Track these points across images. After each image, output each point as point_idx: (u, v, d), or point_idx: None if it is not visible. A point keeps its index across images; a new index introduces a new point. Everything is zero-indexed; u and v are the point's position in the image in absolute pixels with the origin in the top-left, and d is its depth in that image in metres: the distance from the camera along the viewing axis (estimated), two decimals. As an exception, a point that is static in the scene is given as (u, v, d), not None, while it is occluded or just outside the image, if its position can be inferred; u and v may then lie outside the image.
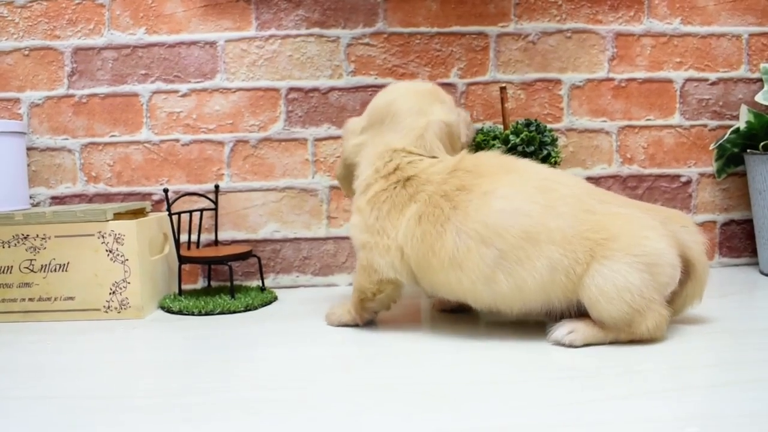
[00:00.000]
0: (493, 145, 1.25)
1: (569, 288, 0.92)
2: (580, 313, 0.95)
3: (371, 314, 1.08)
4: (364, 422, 0.68)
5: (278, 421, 0.69)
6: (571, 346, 0.93)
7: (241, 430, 0.67)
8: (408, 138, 1.05)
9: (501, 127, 1.34)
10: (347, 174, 1.13)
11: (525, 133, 1.26)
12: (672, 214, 1.02)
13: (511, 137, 1.26)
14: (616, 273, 0.90)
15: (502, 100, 1.32)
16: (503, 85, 1.34)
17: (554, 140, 1.28)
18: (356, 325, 1.09)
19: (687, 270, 0.98)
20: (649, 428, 0.64)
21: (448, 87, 1.45)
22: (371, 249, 1.02)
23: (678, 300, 0.99)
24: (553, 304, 0.95)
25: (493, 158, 1.04)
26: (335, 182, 1.44)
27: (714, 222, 1.52)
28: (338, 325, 1.10)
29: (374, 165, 1.05)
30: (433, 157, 1.05)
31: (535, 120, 1.29)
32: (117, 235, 1.18)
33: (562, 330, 0.94)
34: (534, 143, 1.25)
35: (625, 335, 0.92)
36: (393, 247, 1.00)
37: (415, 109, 1.06)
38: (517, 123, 1.29)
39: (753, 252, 1.50)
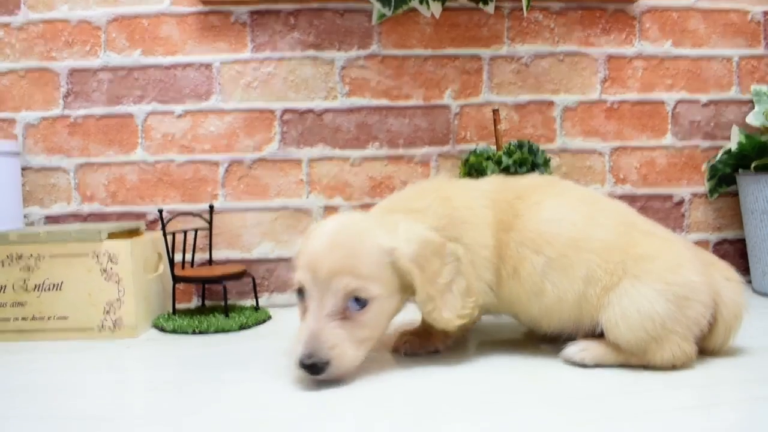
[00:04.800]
0: (486, 167, 1.26)
1: (599, 304, 0.91)
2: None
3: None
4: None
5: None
6: (581, 364, 0.91)
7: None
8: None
9: (494, 148, 1.35)
10: None
11: (518, 154, 1.27)
12: (717, 262, 0.99)
13: (504, 158, 1.27)
14: (643, 298, 0.88)
15: (495, 122, 1.33)
16: (496, 107, 1.36)
17: (547, 161, 1.29)
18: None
19: (714, 321, 0.93)
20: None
21: (442, 109, 1.46)
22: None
23: (706, 342, 0.94)
24: (583, 323, 0.94)
25: (533, 177, 1.08)
26: (330, 202, 1.44)
27: (707, 241, 1.53)
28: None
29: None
30: None
31: (528, 141, 1.31)
32: (111, 255, 1.18)
33: (575, 347, 0.93)
34: (526, 164, 1.26)
35: (636, 360, 0.90)
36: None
37: None
38: (510, 144, 1.30)
39: (746, 271, 1.50)
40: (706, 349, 0.95)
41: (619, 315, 0.88)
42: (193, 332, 1.19)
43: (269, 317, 1.31)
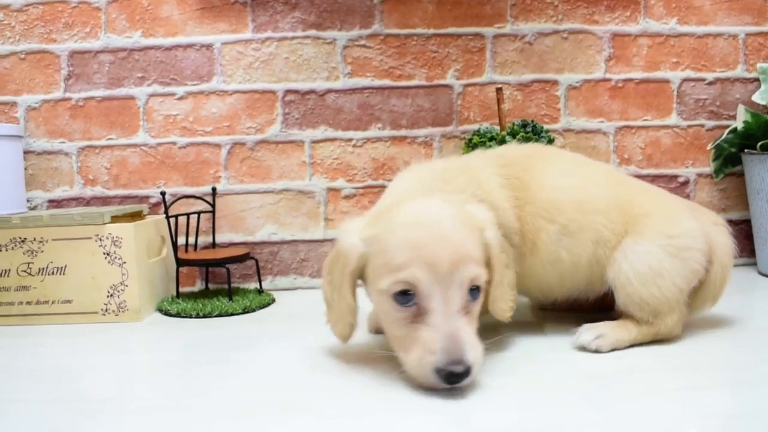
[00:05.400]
0: (490, 147, 1.25)
1: (608, 264, 0.93)
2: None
3: None
4: (362, 424, 0.68)
5: (276, 422, 0.69)
6: (597, 351, 0.89)
7: (239, 430, 0.67)
8: None
9: (498, 128, 1.34)
10: None
11: (521, 134, 1.26)
12: (700, 208, 1.04)
13: (508, 138, 1.26)
14: (650, 255, 0.90)
15: (499, 101, 1.32)
16: (499, 86, 1.35)
17: (551, 141, 1.28)
18: None
19: (707, 269, 0.96)
20: (652, 427, 0.64)
21: (445, 88, 1.45)
22: None
23: (693, 300, 0.96)
24: (594, 285, 0.96)
25: (519, 147, 1.08)
26: (332, 184, 1.44)
27: (711, 222, 1.52)
28: None
29: None
30: None
31: (532, 121, 1.30)
32: (114, 238, 1.18)
33: (589, 335, 0.90)
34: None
35: (648, 331, 0.91)
36: None
37: None
38: (514, 124, 1.29)
39: (751, 252, 1.49)
40: (702, 302, 0.97)
41: (631, 272, 0.90)
42: (197, 316, 1.20)
43: (273, 300, 1.31)
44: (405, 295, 0.76)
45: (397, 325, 0.78)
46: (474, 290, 0.78)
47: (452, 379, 0.72)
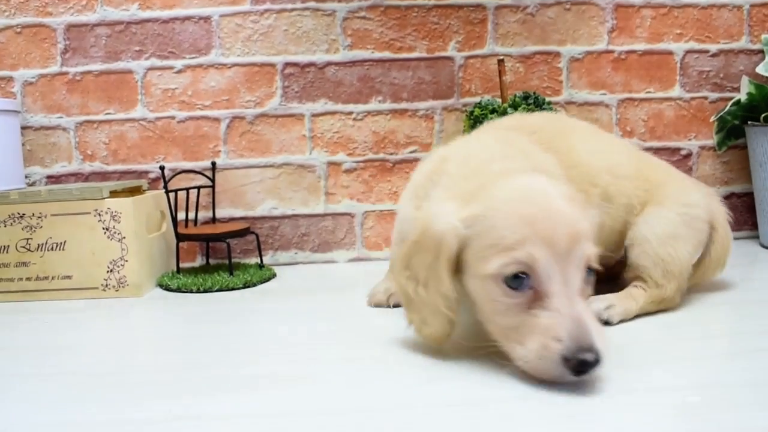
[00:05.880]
0: (491, 119, 1.24)
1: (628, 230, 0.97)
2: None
3: None
4: (362, 395, 0.68)
5: (277, 394, 0.69)
6: (608, 323, 0.88)
7: (240, 403, 0.67)
8: None
9: (499, 100, 1.32)
10: None
11: (523, 106, 1.25)
12: (694, 180, 1.07)
13: (510, 111, 1.25)
14: (668, 221, 0.94)
15: (500, 73, 1.30)
16: (501, 57, 1.33)
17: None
18: None
19: (711, 236, 1.00)
20: (654, 396, 0.64)
21: (446, 60, 1.43)
22: None
23: (698, 268, 1.01)
24: (614, 255, 0.99)
25: (534, 116, 1.10)
26: (333, 158, 1.43)
27: (714, 195, 1.52)
28: None
29: None
30: None
31: (534, 93, 1.28)
32: (114, 213, 1.18)
33: (600, 304, 0.89)
34: (533, 116, 1.24)
35: (655, 295, 0.93)
36: None
37: None
38: (516, 96, 1.28)
39: (754, 225, 1.49)
40: (713, 269, 1.02)
41: (650, 233, 0.94)
42: (198, 290, 1.19)
43: (274, 275, 1.31)
44: (518, 278, 0.68)
45: (508, 313, 0.69)
46: (589, 271, 0.71)
47: (582, 369, 0.64)
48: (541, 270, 0.67)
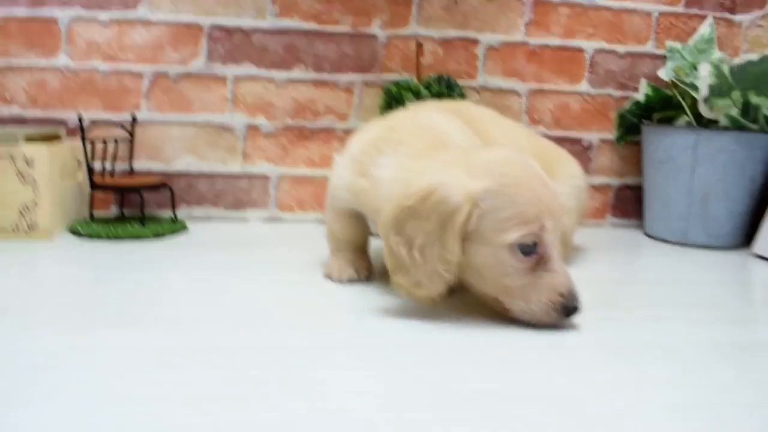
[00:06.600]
0: (406, 97, 1.31)
1: None
2: None
3: None
4: (261, 340, 0.74)
5: (180, 333, 0.74)
6: None
7: (136, 339, 0.72)
8: None
9: (416, 80, 1.39)
10: None
11: (436, 87, 1.32)
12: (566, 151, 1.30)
13: (423, 91, 1.32)
14: (567, 197, 1.10)
15: (417, 55, 1.37)
16: (419, 41, 1.40)
17: (462, 96, 1.35)
18: None
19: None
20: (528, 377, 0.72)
21: (370, 38, 1.49)
22: None
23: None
24: None
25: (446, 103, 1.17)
26: (253, 121, 1.47)
27: (609, 185, 1.63)
28: None
29: None
30: None
31: (447, 76, 1.36)
32: (28, 158, 1.19)
33: None
34: (444, 98, 1.32)
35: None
36: None
37: None
38: (431, 78, 1.35)
39: (640, 216, 1.61)
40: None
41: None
42: (108, 237, 1.23)
43: (185, 228, 1.35)
44: (529, 246, 0.79)
45: (518, 275, 0.79)
46: None
47: (572, 313, 0.80)
48: (548, 239, 0.80)
